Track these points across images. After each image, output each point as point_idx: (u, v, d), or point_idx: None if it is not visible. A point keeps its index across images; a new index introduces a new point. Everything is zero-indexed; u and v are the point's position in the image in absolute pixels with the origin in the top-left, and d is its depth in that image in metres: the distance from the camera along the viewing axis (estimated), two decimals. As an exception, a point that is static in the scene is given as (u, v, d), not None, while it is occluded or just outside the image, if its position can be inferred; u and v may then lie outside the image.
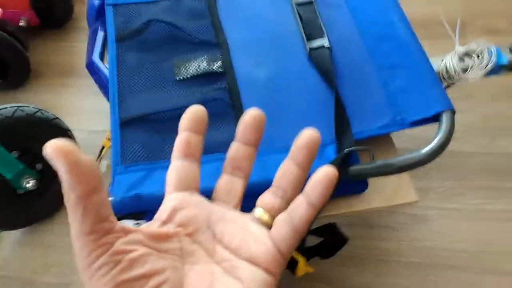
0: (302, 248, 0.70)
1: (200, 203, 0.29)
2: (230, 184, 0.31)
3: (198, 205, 0.29)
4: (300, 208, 0.27)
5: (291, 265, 0.71)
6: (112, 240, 0.23)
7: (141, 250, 0.24)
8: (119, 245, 0.23)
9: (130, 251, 0.23)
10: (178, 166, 0.29)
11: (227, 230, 0.28)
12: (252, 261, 0.27)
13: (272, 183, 0.30)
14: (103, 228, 0.23)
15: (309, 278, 1.04)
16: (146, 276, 0.23)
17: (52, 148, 0.21)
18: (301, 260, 0.70)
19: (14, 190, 1.02)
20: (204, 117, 0.30)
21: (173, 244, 0.26)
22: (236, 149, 0.30)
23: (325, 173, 0.26)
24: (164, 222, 0.27)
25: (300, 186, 0.29)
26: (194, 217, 0.28)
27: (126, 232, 0.24)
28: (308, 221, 0.27)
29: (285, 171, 0.29)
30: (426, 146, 0.62)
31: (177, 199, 0.28)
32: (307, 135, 0.28)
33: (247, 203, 0.31)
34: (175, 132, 0.29)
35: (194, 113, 0.29)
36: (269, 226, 0.29)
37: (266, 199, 0.30)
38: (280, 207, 0.29)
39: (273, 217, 0.29)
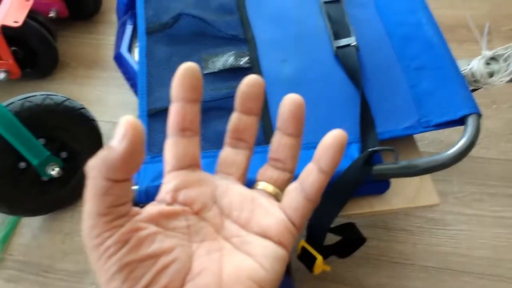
0: (320, 246, 0.71)
1: (203, 179, 0.27)
2: (233, 156, 0.29)
3: (200, 182, 0.27)
4: (311, 176, 0.25)
5: (309, 262, 0.72)
6: (123, 222, 0.22)
7: (150, 228, 0.23)
8: (129, 224, 0.22)
9: (139, 229, 0.22)
10: (176, 143, 0.27)
11: (234, 204, 0.27)
12: (263, 235, 0.25)
13: (268, 158, 0.29)
14: (118, 211, 0.22)
15: (324, 277, 1.05)
16: (154, 256, 0.22)
17: (129, 122, 0.21)
18: (319, 258, 0.70)
19: (38, 177, 1.04)
20: (199, 80, 0.26)
21: (180, 222, 0.25)
22: (238, 119, 0.28)
23: (334, 137, 0.25)
24: (169, 204, 0.25)
25: (297, 154, 0.28)
26: (198, 195, 0.26)
27: (136, 212, 0.23)
28: (320, 188, 0.25)
29: (279, 143, 0.28)
30: (449, 149, 0.62)
31: (178, 178, 0.26)
32: (290, 101, 0.27)
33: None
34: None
35: (186, 78, 0.26)
36: (275, 198, 0.28)
37: (267, 172, 0.29)
38: (283, 178, 0.28)
39: (278, 188, 0.28)
